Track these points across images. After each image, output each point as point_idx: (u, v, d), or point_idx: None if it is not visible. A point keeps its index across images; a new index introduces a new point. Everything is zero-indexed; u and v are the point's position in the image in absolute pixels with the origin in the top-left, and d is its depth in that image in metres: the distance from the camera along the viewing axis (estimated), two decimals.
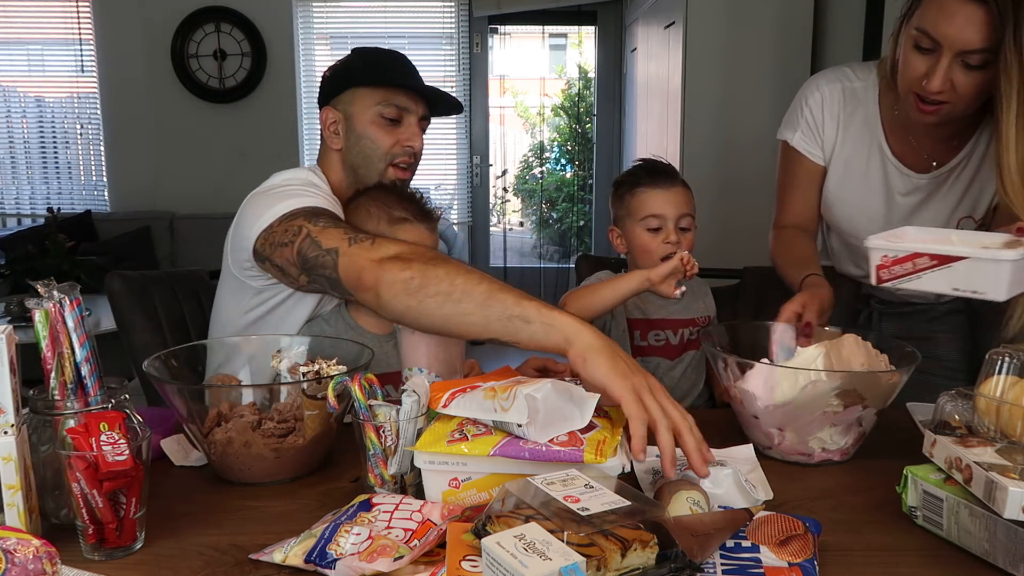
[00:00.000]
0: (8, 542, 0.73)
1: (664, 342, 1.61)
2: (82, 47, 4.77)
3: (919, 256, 1.06)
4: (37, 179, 4.98)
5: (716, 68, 3.14)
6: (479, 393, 0.95)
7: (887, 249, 1.09)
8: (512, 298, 1.01)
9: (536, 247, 5.76)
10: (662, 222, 1.53)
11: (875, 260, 1.11)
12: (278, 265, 1.25)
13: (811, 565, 0.81)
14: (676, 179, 1.57)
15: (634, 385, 0.92)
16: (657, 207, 1.53)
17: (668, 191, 1.54)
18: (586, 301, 1.47)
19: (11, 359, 0.84)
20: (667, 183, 1.55)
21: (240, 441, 1.04)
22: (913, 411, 1.30)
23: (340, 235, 1.17)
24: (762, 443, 1.16)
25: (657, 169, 1.58)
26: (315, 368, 1.06)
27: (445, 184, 5.15)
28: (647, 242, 1.54)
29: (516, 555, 0.69)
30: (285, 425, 1.06)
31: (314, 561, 0.81)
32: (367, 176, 1.46)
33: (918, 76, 1.30)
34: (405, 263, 1.08)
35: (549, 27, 5.43)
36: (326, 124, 1.48)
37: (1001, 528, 0.82)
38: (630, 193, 1.56)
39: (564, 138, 5.74)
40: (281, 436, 1.05)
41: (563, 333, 0.97)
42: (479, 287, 1.02)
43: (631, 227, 1.56)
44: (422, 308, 1.05)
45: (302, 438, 1.06)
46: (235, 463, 1.05)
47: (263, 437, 1.04)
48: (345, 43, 4.98)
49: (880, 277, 1.11)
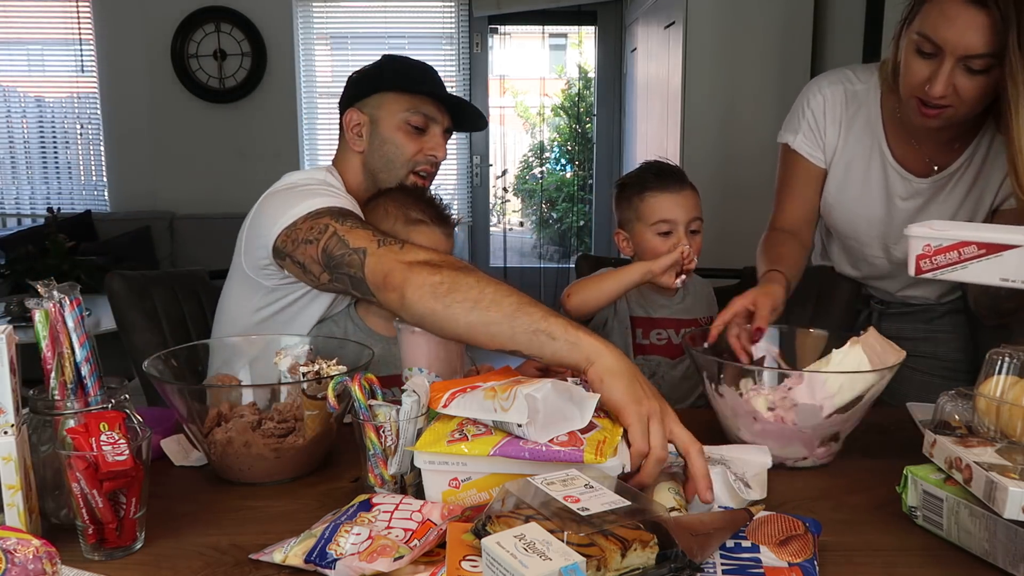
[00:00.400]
0: (8, 542, 0.73)
1: (666, 341, 1.61)
2: (82, 47, 4.77)
3: (966, 245, 1.02)
4: (37, 179, 4.98)
5: (716, 68, 3.14)
6: (479, 393, 0.95)
7: (930, 238, 1.04)
8: (540, 313, 1.03)
9: (536, 247, 5.76)
10: (673, 226, 1.52)
11: (916, 249, 1.05)
12: (299, 262, 1.26)
13: (811, 565, 0.81)
14: (685, 182, 1.55)
15: (647, 411, 0.94)
16: (668, 211, 1.52)
17: (678, 195, 1.53)
18: (589, 292, 1.48)
19: (11, 359, 0.84)
20: (677, 187, 1.53)
21: (240, 441, 1.04)
22: (913, 411, 1.30)
23: (368, 236, 1.19)
24: (795, 456, 1.11)
25: (666, 172, 1.56)
26: (315, 368, 1.06)
27: (445, 184, 5.15)
28: (658, 246, 1.52)
29: (516, 555, 0.69)
30: (285, 425, 1.06)
31: (314, 561, 0.81)
32: (386, 180, 1.47)
33: (920, 81, 1.29)
34: (435, 268, 1.09)
35: (549, 27, 5.43)
36: (350, 125, 1.48)
37: (1001, 528, 0.82)
38: (639, 196, 1.55)
39: (564, 138, 5.74)
40: (281, 436, 1.05)
41: (585, 352, 0.99)
42: (508, 299, 1.04)
43: (640, 231, 1.55)
44: (448, 312, 1.06)
45: (302, 438, 1.06)
46: (235, 463, 1.05)
47: (263, 437, 1.04)
48: (345, 43, 4.98)
49: (920, 267, 1.05)
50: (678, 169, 1.59)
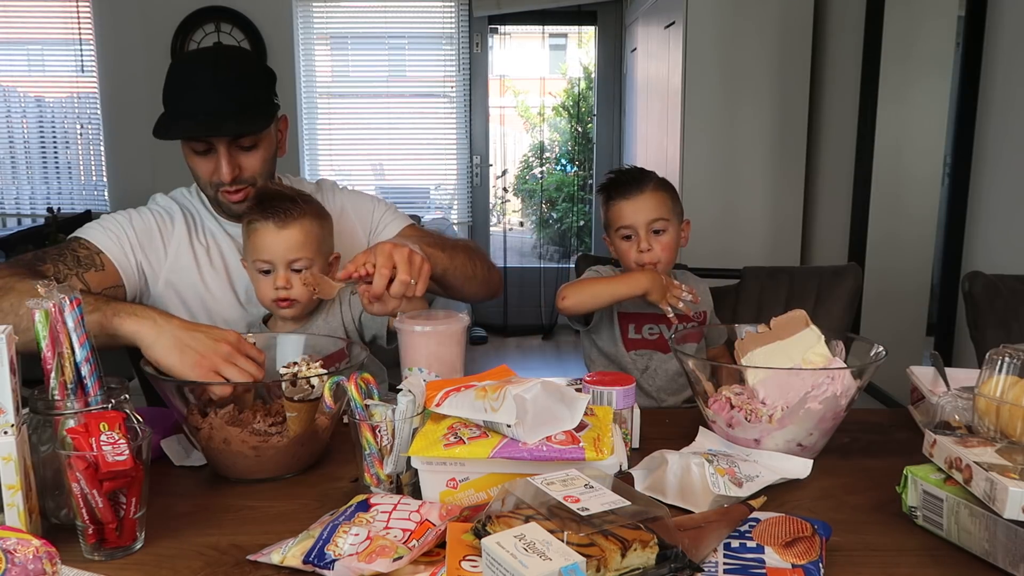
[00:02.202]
0: (8, 542, 0.73)
1: (658, 336, 1.63)
2: (82, 47, 4.76)
3: None
4: (37, 179, 4.97)
5: (716, 68, 3.14)
6: (471, 393, 0.95)
7: None
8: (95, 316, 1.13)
9: (536, 247, 5.75)
10: (632, 231, 1.58)
11: None
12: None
13: (815, 567, 0.80)
14: (644, 186, 1.59)
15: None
16: (626, 218, 1.58)
17: (634, 200, 1.58)
18: (583, 296, 1.54)
19: (11, 359, 0.84)
20: (633, 192, 1.58)
21: (219, 438, 1.05)
22: (914, 375, 1.29)
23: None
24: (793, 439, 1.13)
25: (622, 180, 1.61)
26: (294, 371, 1.06)
27: (445, 184, 5.15)
28: (625, 251, 1.60)
29: (516, 555, 0.69)
30: (274, 425, 1.07)
31: (312, 562, 0.81)
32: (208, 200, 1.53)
33: None
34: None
35: (549, 27, 5.43)
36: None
37: (1001, 528, 0.82)
38: (605, 204, 1.64)
39: (564, 138, 5.74)
40: (266, 435, 1.06)
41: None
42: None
43: (612, 236, 1.63)
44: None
45: (285, 438, 1.06)
46: (219, 459, 1.07)
47: (248, 435, 1.05)
48: (345, 43, 4.98)
49: None
50: (636, 173, 1.63)
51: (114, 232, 1.42)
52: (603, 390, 1.12)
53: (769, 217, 3.18)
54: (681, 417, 1.31)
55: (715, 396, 1.15)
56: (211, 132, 1.36)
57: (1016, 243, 2.13)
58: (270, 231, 1.34)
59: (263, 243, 1.35)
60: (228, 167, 1.38)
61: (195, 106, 1.36)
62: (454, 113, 4.98)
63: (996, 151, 2.23)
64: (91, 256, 1.38)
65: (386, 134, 4.98)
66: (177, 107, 1.38)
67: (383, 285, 1.19)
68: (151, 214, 1.49)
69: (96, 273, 1.36)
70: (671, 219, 1.59)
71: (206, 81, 1.37)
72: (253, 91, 1.41)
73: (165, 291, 1.46)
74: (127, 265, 1.41)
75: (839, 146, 2.98)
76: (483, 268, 1.54)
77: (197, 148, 1.39)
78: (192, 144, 1.39)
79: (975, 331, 1.68)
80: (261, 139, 1.42)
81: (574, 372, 2.52)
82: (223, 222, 1.52)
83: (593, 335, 1.68)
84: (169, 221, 1.49)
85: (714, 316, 1.71)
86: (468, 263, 1.48)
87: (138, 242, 1.44)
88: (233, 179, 1.40)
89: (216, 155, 1.39)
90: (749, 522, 0.89)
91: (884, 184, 2.69)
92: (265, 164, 1.44)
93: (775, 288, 1.86)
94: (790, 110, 3.14)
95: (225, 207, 1.47)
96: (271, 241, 1.35)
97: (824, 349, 1.17)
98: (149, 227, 1.46)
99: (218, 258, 1.50)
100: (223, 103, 1.36)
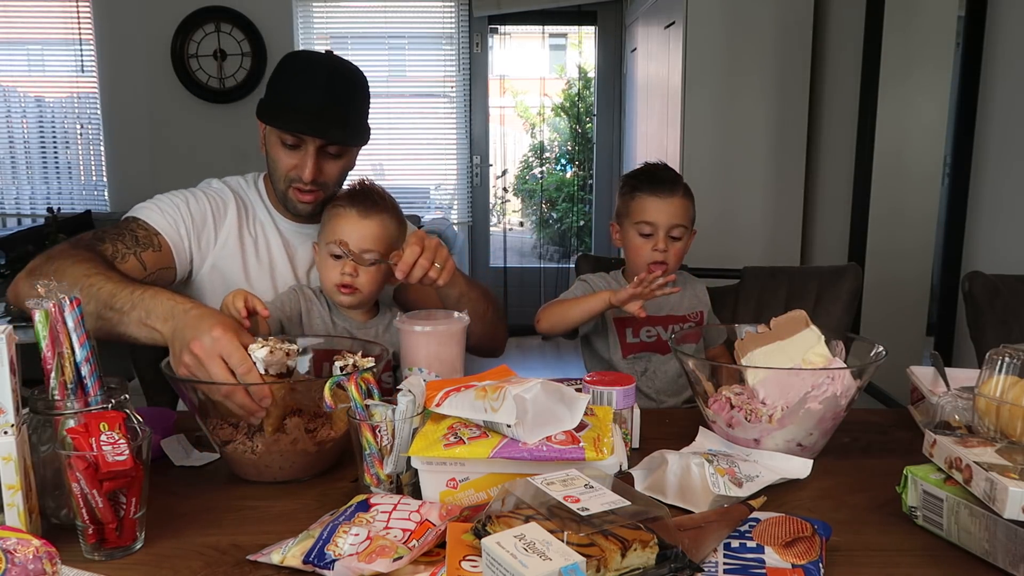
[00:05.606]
0: (8, 542, 0.73)
1: (655, 338, 1.63)
2: (82, 47, 4.76)
3: None
4: (37, 179, 4.97)
5: (716, 68, 3.14)
6: (471, 393, 0.95)
7: None
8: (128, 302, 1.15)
9: (536, 247, 5.75)
10: (654, 229, 1.57)
11: None
12: None
13: (815, 567, 0.80)
14: (676, 189, 1.59)
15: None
16: (651, 214, 1.57)
17: (665, 200, 1.57)
18: (556, 318, 1.58)
19: (11, 359, 0.84)
20: (666, 192, 1.57)
21: (288, 439, 1.05)
22: (914, 374, 1.29)
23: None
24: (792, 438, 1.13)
25: (659, 177, 1.60)
26: (350, 362, 1.05)
27: (445, 184, 5.15)
28: (639, 246, 1.59)
29: (516, 555, 0.69)
30: (318, 420, 1.08)
31: (312, 562, 0.81)
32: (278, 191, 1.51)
33: None
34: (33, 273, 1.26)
35: (549, 27, 5.43)
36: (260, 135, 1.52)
37: (1001, 528, 0.82)
38: (631, 194, 1.61)
39: (564, 138, 5.74)
40: (314, 430, 1.07)
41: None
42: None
43: (627, 227, 1.61)
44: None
45: (334, 430, 1.08)
46: (275, 461, 1.05)
47: (307, 433, 1.06)
48: (345, 43, 4.97)
49: None
50: (675, 176, 1.62)
51: (171, 215, 1.43)
52: (603, 390, 1.13)
53: (769, 217, 3.19)
54: (681, 417, 1.31)
55: (715, 396, 1.15)
56: (318, 133, 1.39)
57: (1016, 243, 2.13)
58: (352, 218, 1.38)
59: (342, 228, 1.38)
60: (312, 168, 1.41)
61: (306, 102, 1.39)
62: (454, 113, 4.99)
63: (996, 151, 2.23)
64: (149, 237, 1.40)
65: (386, 134, 4.98)
66: (286, 98, 1.41)
67: (414, 258, 1.25)
68: (206, 198, 1.49)
69: (153, 253, 1.39)
70: (688, 228, 1.60)
71: (321, 82, 1.39)
72: (358, 106, 1.45)
73: (209, 275, 1.47)
74: (181, 248, 1.43)
75: (839, 146, 2.98)
76: (494, 313, 1.53)
77: (287, 141, 1.41)
78: (284, 136, 1.41)
79: (975, 331, 1.68)
80: (348, 151, 1.46)
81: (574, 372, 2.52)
82: (276, 217, 1.54)
83: (592, 340, 1.68)
84: (223, 207, 1.50)
85: (713, 316, 1.71)
86: (482, 300, 1.47)
87: (193, 226, 1.45)
88: (312, 180, 1.42)
89: (303, 152, 1.42)
90: (749, 522, 0.89)
91: (884, 184, 2.69)
92: (342, 174, 1.49)
93: (775, 288, 1.86)
94: (790, 110, 3.15)
95: (291, 204, 1.48)
96: (351, 228, 1.38)
97: (824, 349, 1.17)
98: (204, 212, 1.47)
99: (264, 252, 1.51)
100: (333, 108, 1.39)
